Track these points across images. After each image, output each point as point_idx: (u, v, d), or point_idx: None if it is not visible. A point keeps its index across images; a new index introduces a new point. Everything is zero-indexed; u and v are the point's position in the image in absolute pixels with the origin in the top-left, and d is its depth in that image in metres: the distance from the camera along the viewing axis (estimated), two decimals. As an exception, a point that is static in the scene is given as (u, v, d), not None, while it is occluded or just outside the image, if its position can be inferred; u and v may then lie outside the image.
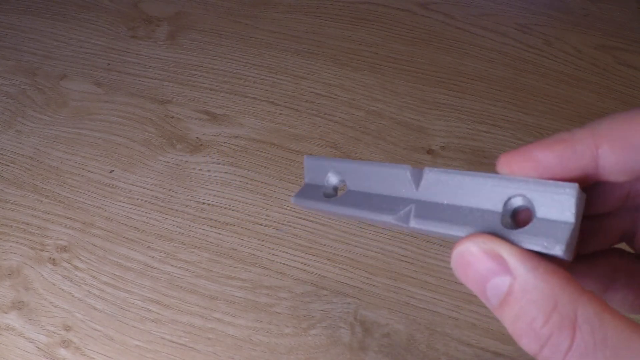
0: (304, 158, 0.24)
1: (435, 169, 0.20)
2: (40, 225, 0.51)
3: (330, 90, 0.58)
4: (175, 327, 0.45)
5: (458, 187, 0.19)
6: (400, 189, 0.21)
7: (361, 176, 0.23)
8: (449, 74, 0.59)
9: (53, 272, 0.48)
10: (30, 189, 0.53)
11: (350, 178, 0.23)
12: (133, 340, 0.45)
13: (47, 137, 0.57)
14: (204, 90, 0.59)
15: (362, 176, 0.22)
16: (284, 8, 0.66)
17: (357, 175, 0.23)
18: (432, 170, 0.20)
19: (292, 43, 0.63)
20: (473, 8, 0.65)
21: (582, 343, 0.14)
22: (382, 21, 0.64)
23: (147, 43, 0.64)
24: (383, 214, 0.21)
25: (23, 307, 0.47)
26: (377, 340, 0.44)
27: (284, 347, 0.44)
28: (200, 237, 0.49)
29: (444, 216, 0.19)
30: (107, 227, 0.51)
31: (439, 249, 0.47)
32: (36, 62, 0.63)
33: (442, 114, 0.56)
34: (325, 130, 0.55)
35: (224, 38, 0.64)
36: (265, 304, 0.46)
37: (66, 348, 0.45)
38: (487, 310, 0.45)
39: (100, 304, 0.47)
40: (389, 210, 0.21)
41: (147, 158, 0.55)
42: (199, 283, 0.47)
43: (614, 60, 0.60)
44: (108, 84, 0.61)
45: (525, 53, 0.61)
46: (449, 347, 0.43)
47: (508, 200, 0.18)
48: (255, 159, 0.54)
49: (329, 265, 0.47)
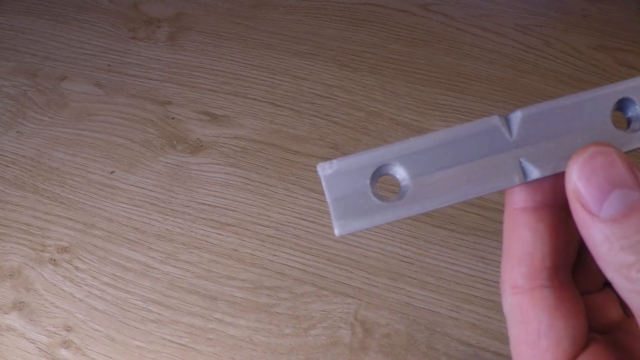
0: (318, 168, 0.18)
1: (524, 109, 0.18)
2: (41, 226, 0.51)
3: (330, 91, 0.58)
4: (176, 327, 0.45)
5: (556, 117, 0.18)
6: (491, 146, 0.18)
7: (430, 151, 0.18)
8: (448, 74, 0.59)
9: (54, 273, 0.48)
10: (31, 190, 0.54)
11: (411, 161, 0.18)
12: (134, 341, 0.45)
13: (48, 138, 0.57)
14: (204, 91, 0.59)
15: (432, 151, 0.18)
16: (284, 9, 0.66)
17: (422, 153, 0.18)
18: (522, 110, 0.18)
19: (292, 44, 0.63)
20: (473, 9, 0.65)
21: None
22: (382, 22, 0.64)
23: (147, 44, 0.64)
24: (492, 182, 0.18)
25: (24, 307, 0.47)
26: (378, 341, 0.44)
27: (285, 348, 0.44)
28: (200, 237, 0.50)
29: (556, 152, 0.17)
30: (108, 228, 0.51)
31: (439, 249, 0.47)
32: (37, 64, 0.63)
33: (442, 115, 0.56)
34: (326, 131, 0.55)
35: (224, 39, 0.64)
36: (266, 304, 0.46)
37: (67, 348, 0.45)
38: (487, 310, 0.45)
39: (101, 304, 0.47)
40: (496, 176, 0.18)
41: (148, 159, 0.55)
42: (200, 283, 0.47)
43: (613, 61, 0.60)
44: (108, 85, 0.61)
45: (525, 54, 0.61)
46: (449, 347, 0.43)
47: (614, 109, 0.17)
48: (256, 160, 0.54)
49: (329, 266, 0.47)
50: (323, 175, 0.18)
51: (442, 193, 0.18)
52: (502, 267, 0.20)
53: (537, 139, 0.18)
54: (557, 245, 0.19)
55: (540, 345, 0.18)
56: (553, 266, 0.19)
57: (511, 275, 0.19)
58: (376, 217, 0.17)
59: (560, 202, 0.18)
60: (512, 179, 0.18)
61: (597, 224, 0.16)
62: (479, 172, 0.18)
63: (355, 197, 0.18)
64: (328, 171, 0.18)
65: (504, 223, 0.20)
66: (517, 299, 0.19)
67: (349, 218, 0.18)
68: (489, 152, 0.18)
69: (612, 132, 0.18)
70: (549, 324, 0.18)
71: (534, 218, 0.19)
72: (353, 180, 0.18)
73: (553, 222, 0.19)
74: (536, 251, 0.19)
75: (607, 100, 0.18)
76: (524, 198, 0.19)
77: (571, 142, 0.18)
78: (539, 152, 0.18)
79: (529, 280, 0.19)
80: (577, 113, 0.18)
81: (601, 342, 0.19)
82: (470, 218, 0.49)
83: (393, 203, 0.18)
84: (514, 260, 0.19)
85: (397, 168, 0.18)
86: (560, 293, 0.19)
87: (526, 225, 0.19)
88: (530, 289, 0.19)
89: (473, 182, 0.18)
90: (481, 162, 0.18)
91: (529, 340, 0.18)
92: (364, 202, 0.18)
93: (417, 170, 0.18)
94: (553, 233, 0.19)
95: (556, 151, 0.18)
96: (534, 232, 0.19)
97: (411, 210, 0.17)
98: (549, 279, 0.19)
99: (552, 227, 0.19)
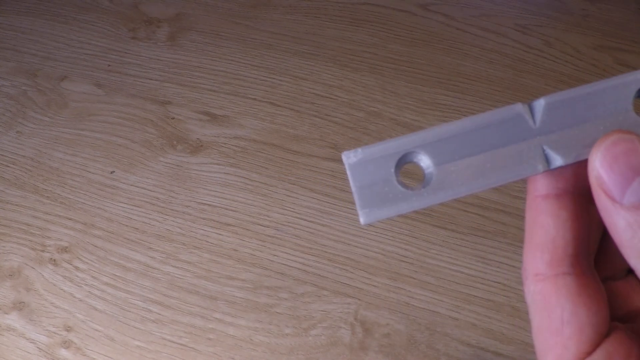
0: (343, 157, 0.18)
1: (548, 97, 0.18)
2: (41, 226, 0.51)
3: (330, 91, 0.58)
4: (176, 327, 0.45)
5: (579, 105, 0.18)
6: (514, 134, 0.18)
7: (454, 139, 0.18)
8: (448, 74, 0.59)
9: (54, 273, 0.48)
10: (31, 190, 0.54)
11: (435, 149, 0.18)
12: (134, 341, 0.45)
13: (48, 138, 0.57)
14: (204, 91, 0.60)
15: (456, 139, 0.18)
16: (284, 9, 0.66)
17: (446, 141, 0.18)
18: (545, 98, 0.18)
19: (292, 44, 0.63)
20: (472, 9, 0.65)
21: None
22: (382, 22, 0.64)
23: (147, 44, 0.64)
24: (516, 170, 0.18)
25: (24, 307, 0.47)
26: (378, 341, 0.44)
27: (285, 348, 0.44)
28: (200, 237, 0.50)
29: (579, 140, 0.17)
30: (108, 228, 0.51)
31: (439, 249, 0.47)
32: (37, 64, 0.63)
33: (442, 115, 0.56)
34: (326, 131, 0.55)
35: (224, 39, 0.64)
36: (266, 304, 0.46)
37: (67, 348, 0.45)
38: (487, 310, 0.45)
39: (101, 304, 0.47)
40: (520, 163, 0.18)
41: (148, 159, 0.55)
42: (200, 283, 0.47)
43: (613, 61, 0.60)
44: (108, 85, 0.61)
45: (525, 54, 0.61)
46: (449, 347, 0.43)
47: (636, 96, 0.17)
48: (256, 160, 0.54)
49: (329, 266, 0.47)
50: (348, 163, 0.18)
51: (465, 181, 0.18)
52: (525, 255, 0.20)
53: (560, 127, 0.18)
54: (579, 233, 0.19)
55: (564, 332, 0.18)
56: (575, 253, 0.19)
57: (533, 262, 0.19)
58: (401, 205, 0.17)
59: (582, 189, 0.19)
60: (535, 167, 0.18)
61: (620, 211, 0.16)
62: (503, 160, 0.18)
63: (380, 185, 0.18)
64: (353, 159, 0.18)
65: (527, 211, 0.20)
66: (540, 287, 0.19)
67: (373, 206, 0.18)
68: (513, 140, 0.18)
69: (634, 120, 0.18)
70: (572, 311, 0.18)
71: (557, 205, 0.19)
72: (378, 168, 0.18)
73: (575, 209, 0.19)
74: (558, 238, 0.19)
75: (629, 88, 0.18)
76: (546, 185, 0.19)
77: (594, 130, 0.18)
78: (562, 140, 0.18)
79: (552, 268, 0.19)
80: (600, 101, 0.18)
81: (623, 331, 0.19)
82: (470, 218, 0.49)
83: (418, 191, 0.18)
84: (537, 248, 0.19)
85: (422, 156, 0.18)
86: (583, 280, 0.19)
87: (549, 212, 0.19)
88: (553, 276, 0.19)
89: (497, 170, 0.18)
90: (505, 150, 0.18)
91: (552, 328, 0.18)
92: (388, 190, 0.18)
93: (441, 158, 0.18)
94: (575, 220, 0.19)
95: (579, 139, 0.18)
96: (556, 220, 0.19)
97: (436, 198, 0.17)
98: (571, 266, 0.19)
99: (574, 214, 0.19)
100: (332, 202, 0.51)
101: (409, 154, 0.18)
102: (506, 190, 0.50)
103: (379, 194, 0.18)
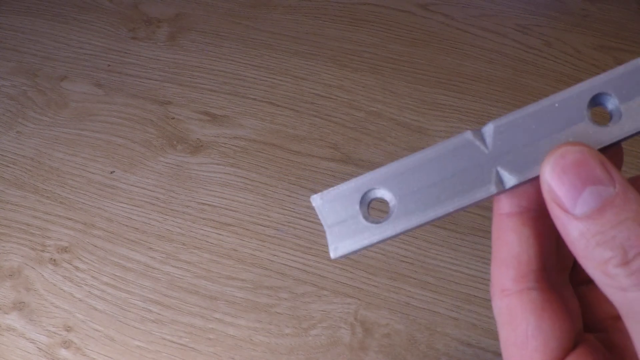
0: (312, 200, 0.19)
1: (496, 120, 0.18)
2: (41, 226, 0.51)
3: (330, 91, 0.58)
4: (176, 327, 0.45)
5: (530, 123, 0.18)
6: (468, 160, 0.19)
7: (411, 172, 0.19)
8: (448, 74, 0.59)
9: (54, 273, 0.48)
10: (31, 190, 0.54)
11: (394, 184, 0.19)
12: (134, 341, 0.45)
13: (48, 138, 0.57)
14: (204, 91, 0.60)
15: (413, 172, 0.19)
16: (284, 9, 0.66)
17: (404, 175, 0.19)
18: (494, 122, 0.18)
19: (292, 44, 0.63)
20: (473, 9, 0.65)
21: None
22: (382, 22, 0.64)
23: (147, 44, 0.64)
24: (471, 195, 0.18)
25: (24, 307, 0.47)
26: (378, 341, 0.44)
27: (285, 348, 0.44)
28: (200, 237, 0.50)
29: (532, 157, 0.18)
30: (108, 228, 0.51)
31: (439, 249, 0.47)
32: (36, 64, 0.63)
33: (442, 115, 0.56)
34: (325, 131, 0.55)
35: (224, 39, 0.64)
36: (266, 304, 0.46)
37: (67, 348, 0.45)
38: (487, 310, 0.45)
39: (101, 304, 0.47)
40: (473, 188, 0.18)
41: (148, 159, 0.55)
42: (200, 283, 0.47)
43: (614, 61, 0.60)
44: (108, 85, 0.61)
45: (525, 54, 0.61)
46: (449, 347, 0.43)
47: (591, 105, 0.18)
48: (256, 160, 0.54)
49: (329, 266, 0.47)
50: (316, 205, 0.19)
51: (425, 209, 0.19)
52: (492, 271, 0.20)
53: (513, 147, 0.18)
54: (542, 249, 0.19)
55: (529, 346, 0.18)
56: (539, 269, 0.19)
57: (500, 278, 0.20)
58: (367, 237, 0.19)
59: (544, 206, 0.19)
60: (489, 189, 0.18)
61: (573, 221, 0.16)
62: (459, 186, 0.18)
63: (347, 222, 0.19)
64: (319, 201, 0.19)
65: (492, 228, 0.20)
66: (506, 302, 0.19)
67: (342, 241, 0.19)
68: (467, 166, 0.18)
69: (593, 129, 0.18)
70: (536, 325, 0.18)
71: (520, 222, 0.19)
72: (344, 206, 0.19)
73: (538, 226, 0.19)
74: (522, 254, 0.19)
75: (581, 98, 0.18)
76: (509, 204, 0.19)
77: (547, 146, 0.18)
78: (516, 160, 0.18)
79: (517, 283, 0.19)
80: (551, 116, 0.18)
81: (591, 343, 0.19)
82: (470, 218, 0.49)
83: (381, 223, 0.19)
84: (502, 264, 0.20)
85: (383, 191, 0.19)
86: (548, 295, 0.19)
87: (512, 229, 0.19)
88: (518, 291, 0.19)
89: (454, 197, 0.19)
90: (459, 177, 0.19)
91: (517, 342, 0.18)
92: (355, 225, 0.19)
93: (401, 191, 0.19)
94: (538, 237, 0.19)
95: (532, 157, 0.18)
96: (519, 236, 0.19)
97: (397, 228, 0.19)
98: (536, 281, 0.19)
99: (537, 231, 0.19)
100: (332, 202, 0.51)
101: (371, 191, 0.19)
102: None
103: (347, 230, 0.19)
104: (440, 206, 0.18)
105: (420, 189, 0.19)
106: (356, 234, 0.19)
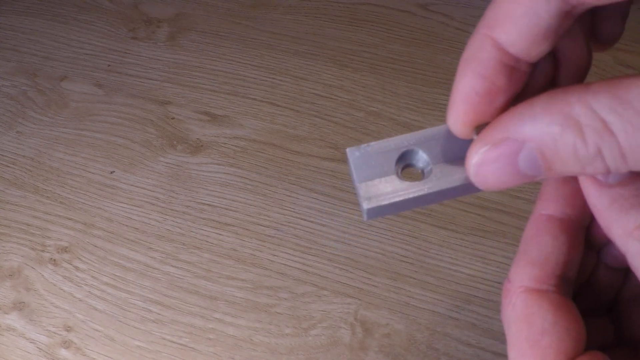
0: (347, 152, 0.19)
1: None
2: (41, 226, 0.51)
3: (330, 91, 0.58)
4: (176, 327, 0.45)
5: None
6: None
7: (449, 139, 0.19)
8: (448, 74, 0.59)
9: (54, 273, 0.48)
10: (30, 190, 0.54)
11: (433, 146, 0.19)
12: (134, 341, 0.45)
13: (48, 138, 0.57)
14: (204, 91, 0.60)
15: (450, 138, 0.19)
16: (284, 9, 0.66)
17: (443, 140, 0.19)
18: None
19: (292, 44, 0.63)
20: (473, 9, 0.65)
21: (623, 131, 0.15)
22: (382, 22, 0.64)
23: (147, 44, 0.64)
24: None
25: (24, 307, 0.47)
26: (378, 341, 0.44)
27: (285, 348, 0.44)
28: (200, 237, 0.50)
29: None
30: (108, 228, 0.51)
31: (439, 249, 0.47)
32: (36, 64, 0.63)
33: (442, 115, 0.56)
34: (326, 131, 0.55)
35: (224, 39, 0.64)
36: (266, 304, 0.46)
37: (67, 349, 0.45)
38: (487, 310, 0.45)
39: (101, 304, 0.47)
40: None
41: (148, 159, 0.55)
42: (200, 283, 0.47)
43: (613, 61, 0.60)
44: (108, 85, 0.61)
45: (525, 54, 0.61)
46: (449, 347, 0.43)
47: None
48: (256, 160, 0.54)
49: (329, 266, 0.47)
50: (351, 158, 0.19)
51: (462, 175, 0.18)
52: (514, 265, 0.20)
53: None
54: (571, 259, 0.20)
55: (543, 342, 0.18)
56: (562, 276, 0.20)
57: (522, 275, 0.20)
58: (400, 195, 0.18)
59: (586, 222, 0.20)
60: None
61: (606, 190, 0.17)
62: None
63: (381, 179, 0.19)
64: (356, 154, 0.19)
65: (528, 224, 0.21)
66: (523, 297, 0.19)
67: (376, 197, 0.18)
68: None
69: None
70: (554, 321, 0.18)
71: (559, 228, 0.20)
72: (379, 163, 0.19)
73: (574, 237, 0.20)
74: (552, 258, 0.20)
75: None
76: (555, 206, 0.20)
77: None
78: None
79: (538, 283, 0.19)
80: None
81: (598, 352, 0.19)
82: (470, 218, 0.49)
83: (416, 182, 0.18)
84: (529, 262, 0.20)
85: (421, 153, 0.19)
86: (564, 300, 0.19)
87: (550, 232, 0.20)
88: (537, 290, 0.19)
89: None
90: None
91: (531, 337, 0.19)
92: (389, 183, 0.18)
93: (438, 154, 0.19)
94: (572, 247, 0.20)
95: None
96: (555, 241, 0.20)
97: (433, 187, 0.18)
98: (556, 285, 0.19)
99: (572, 241, 0.20)
100: (332, 202, 0.51)
101: (409, 151, 0.19)
102: (506, 190, 0.50)
103: (380, 186, 0.18)
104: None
105: (457, 155, 0.19)
106: (389, 192, 0.18)
